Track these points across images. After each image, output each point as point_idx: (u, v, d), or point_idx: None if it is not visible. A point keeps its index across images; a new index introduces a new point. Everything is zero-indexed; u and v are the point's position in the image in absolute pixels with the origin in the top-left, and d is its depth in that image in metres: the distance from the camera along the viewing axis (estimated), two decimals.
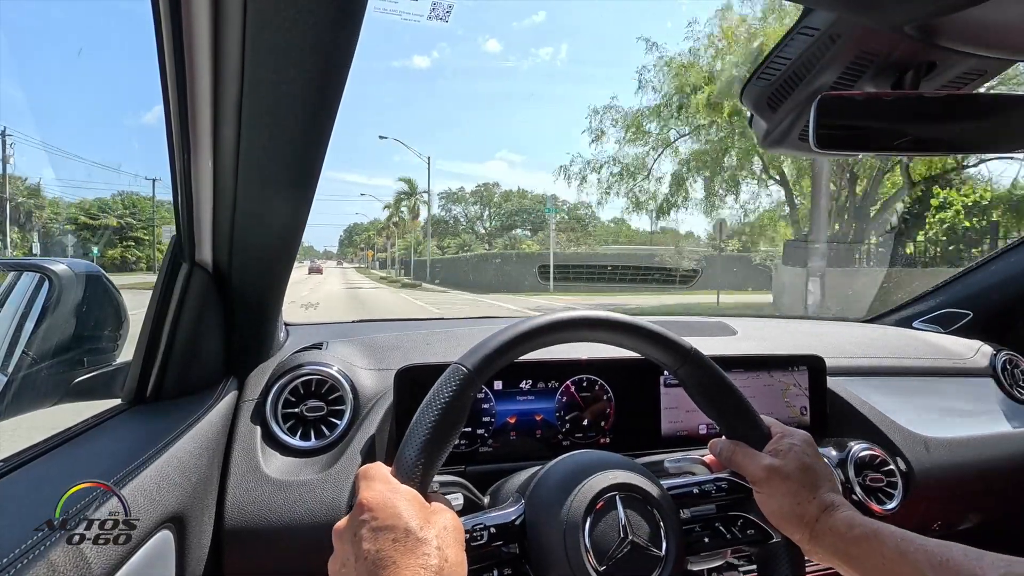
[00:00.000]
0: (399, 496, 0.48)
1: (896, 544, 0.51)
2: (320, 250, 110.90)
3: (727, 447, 0.65)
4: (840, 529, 0.54)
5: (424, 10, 0.79)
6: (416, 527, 0.46)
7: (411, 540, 0.45)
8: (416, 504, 0.49)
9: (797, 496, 0.58)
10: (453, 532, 0.49)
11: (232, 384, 0.88)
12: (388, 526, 0.46)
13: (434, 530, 0.47)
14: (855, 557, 0.53)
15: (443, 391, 0.54)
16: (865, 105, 0.61)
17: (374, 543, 0.45)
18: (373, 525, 0.46)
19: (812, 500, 0.57)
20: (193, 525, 0.66)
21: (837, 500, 0.58)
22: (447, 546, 0.47)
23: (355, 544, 0.46)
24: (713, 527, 0.63)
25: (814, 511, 0.57)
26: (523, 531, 0.58)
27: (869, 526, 0.53)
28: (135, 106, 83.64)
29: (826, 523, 0.56)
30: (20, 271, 1.02)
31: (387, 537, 0.45)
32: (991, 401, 1.27)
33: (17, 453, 0.60)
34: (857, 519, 0.55)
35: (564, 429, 0.93)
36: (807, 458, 0.60)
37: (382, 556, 0.44)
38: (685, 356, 0.63)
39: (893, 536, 0.52)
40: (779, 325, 1.44)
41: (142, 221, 28.26)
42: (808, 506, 0.57)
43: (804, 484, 0.58)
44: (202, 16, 0.50)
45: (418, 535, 0.45)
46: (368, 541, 0.45)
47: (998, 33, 0.57)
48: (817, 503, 0.57)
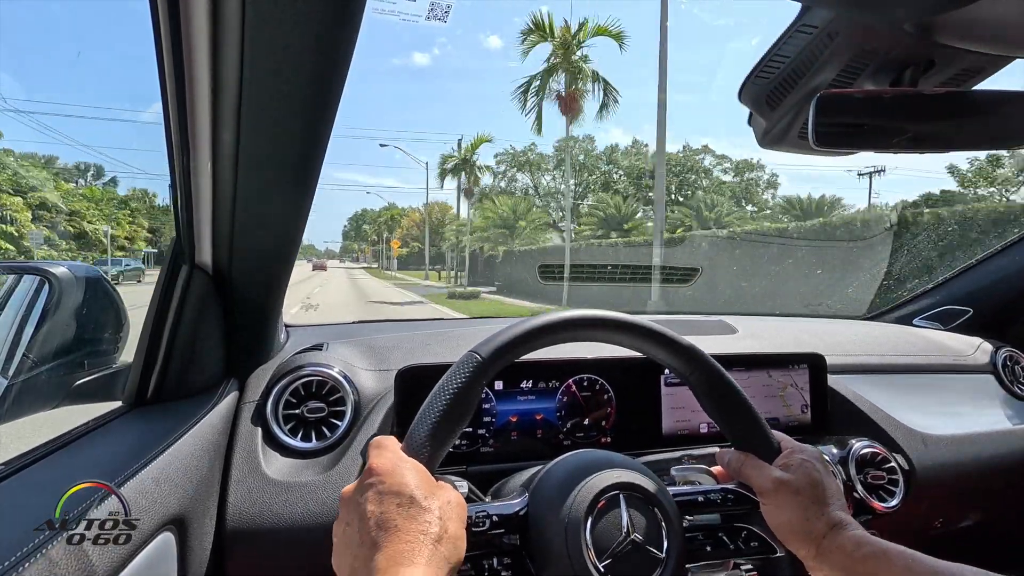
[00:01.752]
0: (407, 465, 0.50)
1: (905, 564, 0.50)
2: (321, 249, 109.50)
3: (736, 458, 0.64)
4: (848, 548, 0.54)
5: (422, 10, 0.79)
6: (420, 496, 0.47)
7: (415, 507, 0.47)
8: (422, 475, 0.50)
9: (806, 511, 0.57)
10: (456, 507, 0.50)
11: (233, 385, 0.88)
12: (394, 491, 0.47)
13: (437, 502, 0.48)
14: (862, 575, 0.52)
15: (456, 377, 0.55)
16: (864, 102, 0.61)
17: (379, 505, 0.46)
18: (380, 489, 0.47)
19: (821, 516, 0.57)
20: (195, 527, 0.66)
21: (846, 519, 0.57)
22: (448, 519, 0.48)
23: (361, 506, 0.47)
24: (716, 537, 0.63)
25: (822, 527, 0.56)
26: (525, 523, 0.58)
27: (878, 546, 0.53)
28: (134, 106, 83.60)
29: (834, 540, 0.55)
30: (20, 274, 1.02)
31: (392, 501, 0.47)
32: (992, 398, 1.27)
33: (18, 456, 0.59)
34: (866, 539, 0.54)
35: (565, 429, 0.93)
36: (817, 474, 0.59)
37: (386, 518, 0.46)
38: (700, 365, 0.62)
39: (902, 556, 0.51)
40: (779, 323, 1.44)
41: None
42: (817, 522, 0.56)
43: (814, 500, 0.58)
44: (201, 18, 0.50)
45: (422, 504, 0.47)
46: (373, 503, 0.47)
47: (997, 29, 0.57)
48: (826, 520, 0.56)
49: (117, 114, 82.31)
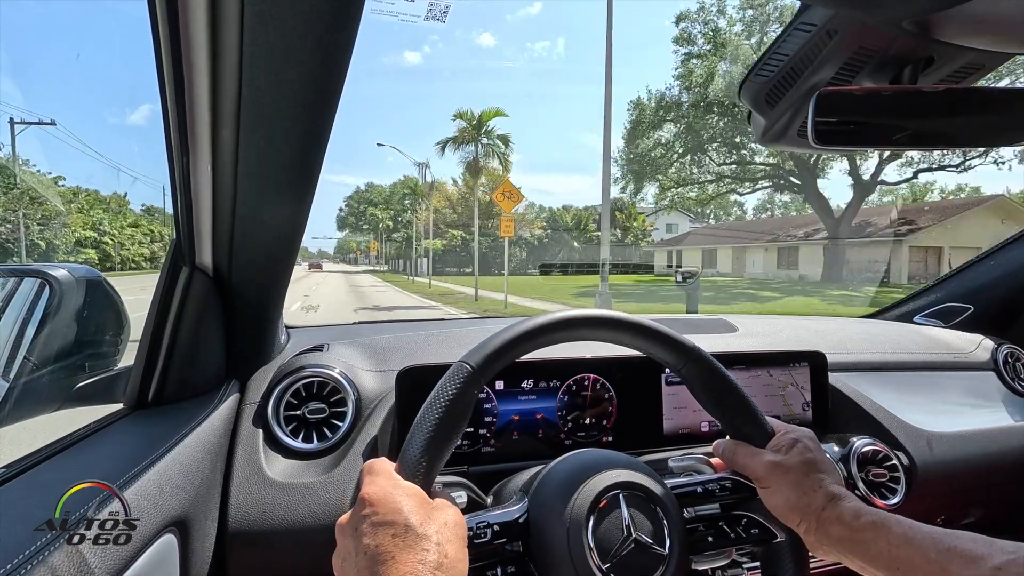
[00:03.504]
0: (401, 491, 0.49)
1: (903, 531, 0.51)
2: (314, 251, 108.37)
3: (729, 447, 0.65)
4: (847, 518, 0.54)
5: (421, 11, 0.79)
6: (416, 523, 0.46)
7: (411, 535, 0.45)
8: (417, 500, 0.49)
9: (801, 487, 0.58)
10: (454, 528, 0.49)
11: (234, 387, 0.88)
12: (388, 521, 0.46)
13: (434, 526, 0.47)
14: (860, 543, 0.53)
15: (447, 388, 0.55)
16: (864, 100, 0.61)
17: (374, 538, 0.45)
18: (374, 520, 0.46)
19: (817, 490, 0.58)
20: (196, 529, 0.66)
21: (842, 492, 0.58)
22: (447, 542, 0.47)
23: (356, 538, 0.46)
24: (717, 526, 0.63)
25: (820, 501, 0.57)
26: (526, 529, 0.58)
27: (877, 515, 0.54)
28: (132, 107, 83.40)
29: (832, 512, 0.56)
30: (20, 277, 1.02)
31: (387, 532, 0.45)
32: (993, 395, 1.27)
33: (19, 459, 0.59)
34: (864, 508, 0.55)
35: (566, 428, 0.93)
36: (809, 452, 0.60)
37: (381, 551, 0.44)
38: (688, 355, 0.63)
39: (900, 524, 0.52)
40: (779, 321, 1.44)
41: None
42: (814, 496, 0.57)
43: (808, 475, 0.58)
44: (199, 20, 0.50)
45: (418, 531, 0.46)
46: (368, 536, 0.45)
47: (996, 27, 0.57)
48: (823, 493, 0.57)
49: (118, 117, 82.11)
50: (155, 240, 26.16)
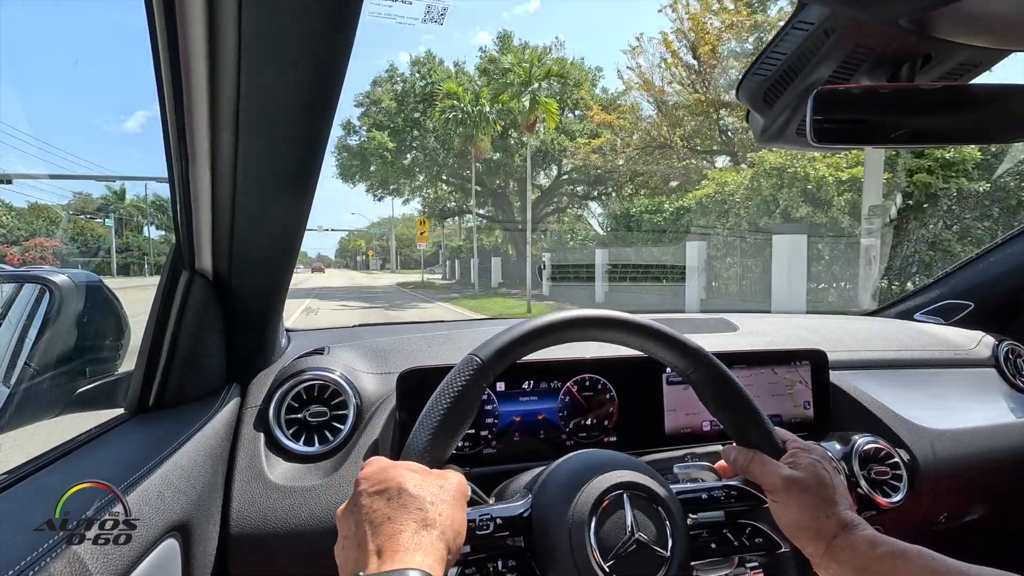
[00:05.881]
0: (397, 465, 0.50)
1: (925, 563, 0.50)
2: (313, 256, 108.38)
3: (743, 455, 0.64)
4: (862, 547, 0.53)
5: (419, 13, 0.79)
6: (411, 485, 0.48)
7: (404, 496, 0.47)
8: (415, 468, 0.50)
9: (815, 510, 0.57)
10: (452, 490, 0.50)
11: (234, 391, 0.88)
12: (382, 489, 0.47)
13: (431, 488, 0.48)
14: (877, 574, 0.52)
15: (456, 380, 0.55)
16: (862, 98, 0.61)
17: (370, 505, 0.47)
18: (369, 491, 0.48)
19: (831, 516, 0.56)
20: (199, 533, 0.66)
21: (856, 519, 0.57)
22: (442, 501, 0.48)
23: (355, 513, 0.47)
24: (721, 534, 0.63)
25: (833, 527, 0.56)
26: (529, 525, 0.58)
27: (896, 546, 0.52)
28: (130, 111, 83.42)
29: (845, 540, 0.55)
30: (20, 282, 1.02)
31: (382, 498, 0.47)
32: (994, 391, 1.27)
33: (21, 465, 0.60)
34: (881, 538, 0.54)
35: (568, 429, 0.93)
36: (826, 473, 0.59)
37: (377, 515, 0.46)
38: (698, 361, 0.62)
39: (922, 556, 0.51)
40: (780, 320, 1.44)
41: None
42: (827, 522, 0.56)
43: (823, 499, 0.57)
44: (197, 24, 0.50)
45: (411, 492, 0.47)
46: (365, 508, 0.47)
47: (993, 24, 0.57)
48: (836, 520, 0.56)
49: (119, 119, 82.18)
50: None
